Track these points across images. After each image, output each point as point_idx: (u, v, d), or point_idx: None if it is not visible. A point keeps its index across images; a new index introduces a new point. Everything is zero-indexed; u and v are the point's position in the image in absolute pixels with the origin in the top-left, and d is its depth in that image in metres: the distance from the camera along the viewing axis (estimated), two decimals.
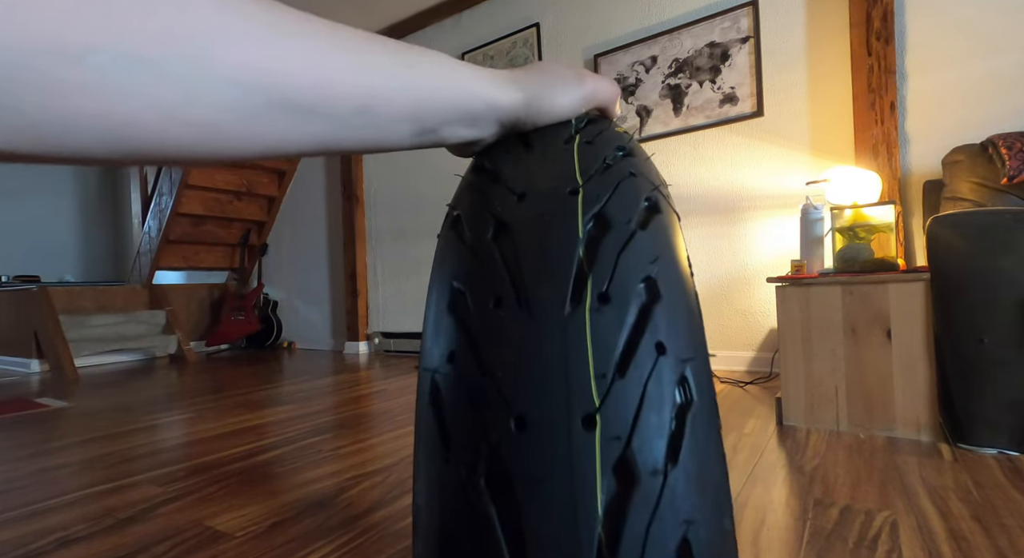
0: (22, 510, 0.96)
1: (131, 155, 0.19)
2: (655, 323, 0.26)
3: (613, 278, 0.26)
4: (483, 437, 0.25)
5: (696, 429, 0.25)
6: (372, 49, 0.25)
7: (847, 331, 1.23)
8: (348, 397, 1.90)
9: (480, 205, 0.31)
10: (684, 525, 0.24)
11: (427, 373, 0.29)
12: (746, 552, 0.71)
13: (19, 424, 1.66)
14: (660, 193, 0.31)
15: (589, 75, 0.35)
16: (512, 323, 0.26)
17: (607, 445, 0.23)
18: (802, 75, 1.99)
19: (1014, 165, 1.33)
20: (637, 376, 0.25)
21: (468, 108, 0.29)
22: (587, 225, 0.27)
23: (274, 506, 0.93)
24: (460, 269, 0.29)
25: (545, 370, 0.25)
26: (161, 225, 3.48)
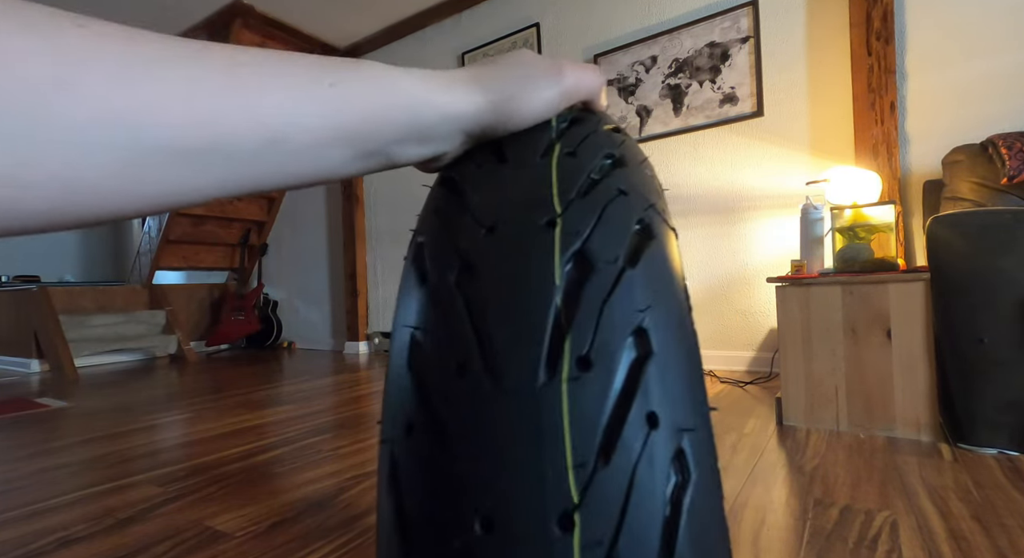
0: (22, 510, 0.96)
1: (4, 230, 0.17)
2: (646, 388, 0.22)
3: (596, 336, 0.22)
4: (445, 541, 0.22)
5: (695, 511, 0.22)
6: (278, 71, 0.21)
7: (847, 331, 1.23)
8: (348, 397, 1.90)
9: (443, 236, 0.27)
10: None
11: (387, 445, 0.25)
12: (746, 552, 0.71)
13: (19, 424, 1.66)
14: (655, 211, 0.27)
15: (568, 65, 0.30)
16: (476, 396, 0.22)
17: (588, 551, 0.20)
18: (802, 75, 1.99)
19: (1014, 165, 1.33)
20: (624, 461, 0.21)
21: (416, 122, 0.25)
22: (565, 267, 0.24)
23: (274, 506, 0.93)
24: (420, 318, 0.26)
25: (515, 459, 0.21)
26: (161, 225, 3.48)
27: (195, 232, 3.63)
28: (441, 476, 0.22)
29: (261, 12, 3.00)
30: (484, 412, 0.22)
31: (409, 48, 3.25)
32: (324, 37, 3.32)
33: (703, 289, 2.23)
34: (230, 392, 2.08)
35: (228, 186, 0.21)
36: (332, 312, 3.65)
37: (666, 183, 2.32)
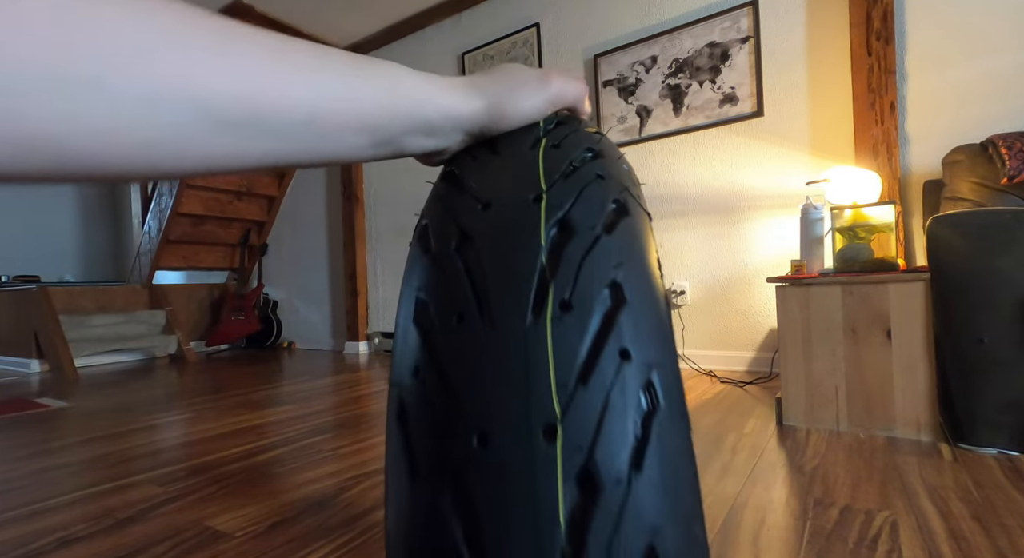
0: (22, 510, 0.96)
1: (65, 173, 0.19)
2: (619, 329, 0.25)
3: (576, 285, 0.26)
4: (447, 456, 0.25)
5: (663, 436, 0.25)
6: (319, 61, 0.25)
7: (847, 331, 1.23)
8: (348, 397, 1.90)
9: (445, 215, 0.31)
10: (650, 532, 0.24)
11: (395, 389, 0.28)
12: (746, 552, 0.71)
13: (19, 424, 1.66)
14: (629, 194, 0.31)
15: (555, 75, 0.34)
16: (474, 337, 0.26)
17: (569, 456, 0.23)
18: (802, 75, 1.99)
19: (1014, 165, 1.33)
20: (600, 384, 0.24)
21: (425, 118, 0.29)
22: (550, 232, 0.27)
23: (274, 506, 0.93)
24: (425, 281, 0.29)
25: (506, 384, 0.24)
26: (161, 225, 3.48)
27: (195, 232, 3.63)
28: (443, 405, 0.25)
29: (261, 12, 3.00)
30: (480, 349, 0.25)
31: (409, 48, 3.25)
32: (324, 37, 3.32)
33: (703, 289, 2.23)
34: (230, 392, 2.08)
35: (266, 158, 0.24)
36: (332, 312, 3.65)
37: (666, 183, 2.32)
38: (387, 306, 3.38)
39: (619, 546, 0.23)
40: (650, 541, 0.23)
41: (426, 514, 0.25)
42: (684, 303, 2.28)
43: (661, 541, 0.24)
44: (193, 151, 0.21)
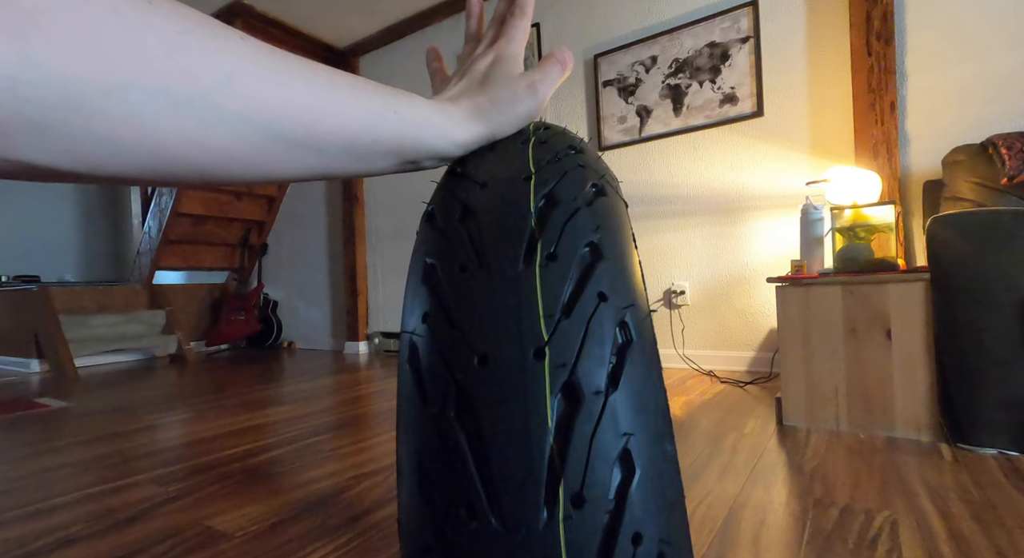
0: (22, 510, 0.96)
1: (160, 175, 0.23)
2: (597, 277, 0.30)
3: (560, 242, 0.30)
4: (452, 377, 0.29)
5: (634, 363, 0.29)
6: (362, 95, 0.29)
7: (847, 331, 1.23)
8: (348, 397, 1.90)
9: (449, 196, 0.35)
10: (625, 437, 0.28)
11: (406, 336, 0.33)
12: (746, 552, 0.71)
13: (19, 424, 1.66)
14: (606, 182, 0.35)
15: (539, 80, 0.38)
16: (474, 282, 0.30)
17: (555, 372, 0.27)
18: (802, 75, 1.99)
19: (1014, 165, 1.33)
20: (581, 316, 0.29)
21: (437, 148, 0.34)
22: (539, 203, 0.32)
23: (274, 506, 0.93)
24: (432, 248, 0.34)
25: (502, 316, 0.29)
26: (161, 225, 3.48)
27: (195, 232, 3.63)
28: (449, 338, 0.30)
29: (261, 12, 3.00)
30: (479, 289, 0.30)
31: (409, 48, 3.25)
32: (324, 37, 3.32)
33: (703, 289, 2.23)
34: (230, 392, 2.08)
35: (313, 171, 0.28)
36: (332, 312, 3.65)
37: (666, 183, 2.32)
38: (387, 306, 3.37)
39: (598, 447, 0.27)
40: (625, 445, 0.28)
41: (435, 425, 0.29)
42: (684, 303, 2.28)
43: (635, 445, 0.28)
44: (259, 164, 0.25)
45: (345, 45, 3.44)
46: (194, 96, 0.21)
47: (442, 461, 0.28)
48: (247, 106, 0.23)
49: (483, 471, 0.27)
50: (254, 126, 0.24)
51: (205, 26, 0.22)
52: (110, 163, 0.21)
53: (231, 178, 0.25)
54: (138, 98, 0.19)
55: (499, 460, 0.27)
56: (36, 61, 0.17)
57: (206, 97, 0.21)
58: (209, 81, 0.21)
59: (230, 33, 0.23)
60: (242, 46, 0.23)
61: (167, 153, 0.22)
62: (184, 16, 0.21)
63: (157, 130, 0.21)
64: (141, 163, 0.21)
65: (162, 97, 0.20)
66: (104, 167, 0.21)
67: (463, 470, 0.27)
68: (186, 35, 0.21)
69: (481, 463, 0.27)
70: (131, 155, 0.21)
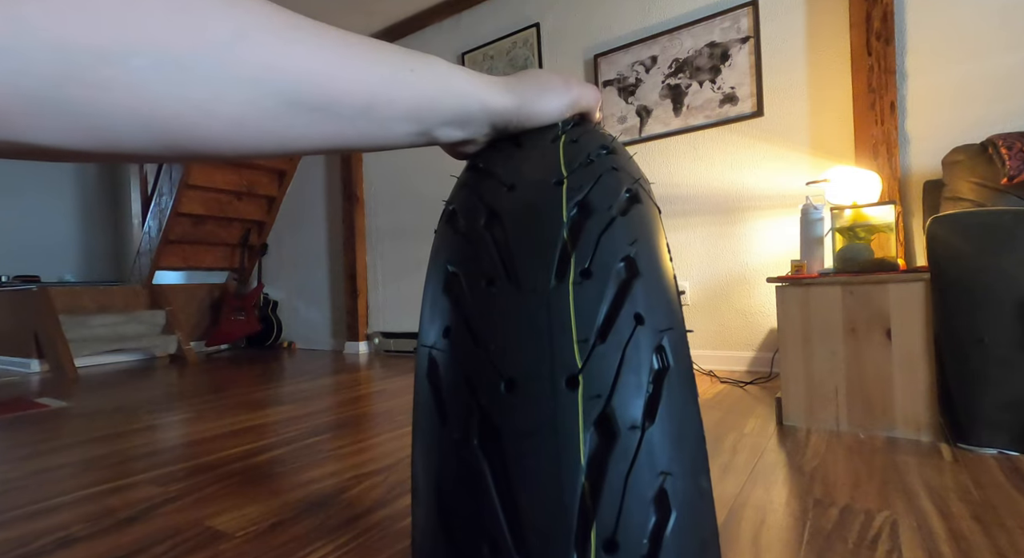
0: (22, 510, 0.96)
1: (170, 148, 0.21)
2: (634, 296, 0.28)
3: (595, 256, 0.28)
4: (475, 401, 0.27)
5: (672, 392, 0.27)
6: (377, 54, 0.27)
7: (847, 331, 1.23)
8: (348, 397, 1.90)
9: (473, 197, 0.33)
10: (661, 476, 0.26)
11: (424, 349, 0.31)
12: (746, 552, 0.71)
13: (19, 424, 1.66)
14: (641, 186, 0.33)
15: (575, 82, 0.38)
16: (502, 298, 0.28)
17: (589, 403, 0.25)
18: (802, 75, 1.99)
19: (1014, 165, 1.33)
20: (616, 341, 0.27)
21: (464, 110, 0.31)
22: (571, 211, 0.30)
23: (274, 506, 0.93)
24: (454, 254, 0.31)
25: (532, 338, 0.27)
26: (161, 225, 3.48)
27: (195, 232, 3.63)
28: (473, 357, 0.28)
29: None
30: (508, 308, 0.28)
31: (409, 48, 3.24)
32: None
33: (703, 289, 2.23)
34: (230, 392, 2.08)
35: (331, 139, 0.27)
36: (332, 312, 3.65)
37: (666, 183, 2.32)
38: (387, 306, 3.37)
39: (633, 487, 0.25)
40: (661, 484, 0.25)
41: (455, 451, 0.27)
42: (684, 303, 2.27)
43: (671, 485, 0.26)
44: (273, 131, 0.24)
45: None
46: (201, 59, 0.20)
47: (464, 491, 0.26)
48: (258, 68, 0.21)
49: (508, 507, 0.25)
50: (266, 89, 0.22)
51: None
52: (118, 138, 0.19)
53: (244, 149, 0.24)
54: (141, 64, 0.18)
55: (526, 497, 0.25)
56: (28, 28, 0.16)
57: (214, 59, 0.20)
58: (216, 41, 0.20)
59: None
60: (249, 2, 0.22)
61: (176, 124, 0.20)
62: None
63: (164, 98, 0.19)
64: (150, 136, 0.20)
65: (167, 62, 0.19)
66: (112, 143, 0.19)
67: (487, 504, 0.25)
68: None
69: (506, 498, 0.25)
70: (139, 128, 0.19)
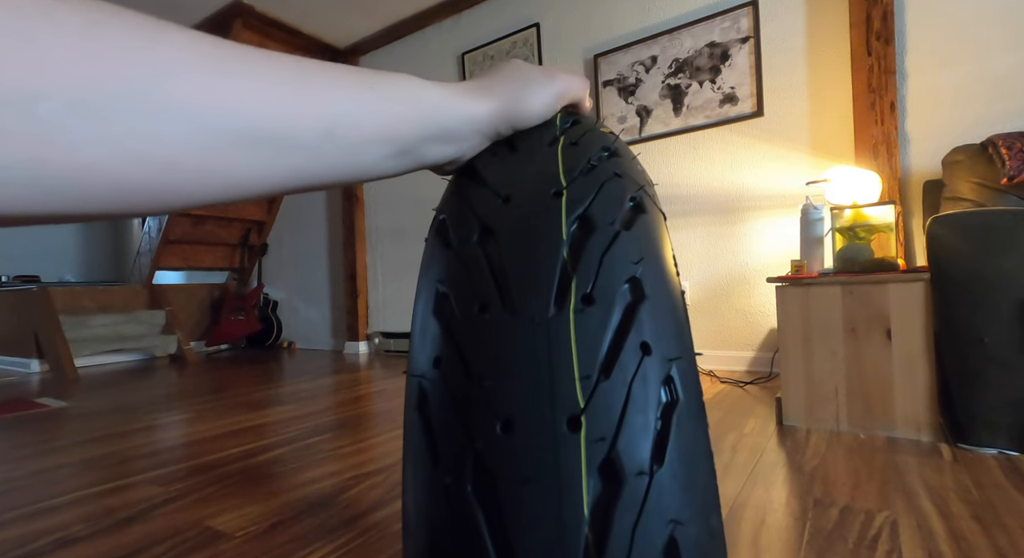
0: (22, 510, 0.96)
1: (96, 204, 0.19)
2: (640, 323, 0.26)
3: (597, 279, 0.26)
4: (469, 442, 0.25)
5: (682, 428, 0.25)
6: (332, 77, 0.25)
7: (847, 331, 1.23)
8: (348, 397, 1.90)
9: (465, 209, 0.31)
10: (671, 525, 0.24)
11: (414, 379, 0.29)
12: (746, 552, 0.71)
13: (19, 424, 1.66)
14: (645, 193, 0.31)
15: (558, 72, 0.35)
16: (497, 327, 0.26)
17: (592, 446, 0.24)
18: (802, 75, 1.99)
19: (1014, 165, 1.33)
20: (622, 377, 0.25)
21: (444, 123, 0.29)
22: (571, 227, 0.28)
23: (274, 506, 0.93)
24: (445, 273, 0.29)
25: (530, 373, 0.25)
26: (161, 225, 3.48)
27: (195, 232, 3.63)
28: (466, 393, 0.26)
29: (261, 11, 3.00)
30: (503, 338, 0.26)
31: (409, 48, 3.25)
32: (324, 37, 3.32)
33: (703, 289, 2.23)
34: (230, 392, 2.08)
35: (290, 179, 0.24)
36: (332, 312, 3.65)
37: (666, 183, 2.32)
38: (387, 306, 3.37)
39: (641, 538, 0.23)
40: (671, 533, 0.24)
41: (447, 497, 0.25)
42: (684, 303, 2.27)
43: (682, 533, 0.24)
44: (217, 171, 0.21)
45: (345, 45, 3.44)
46: (121, 100, 0.17)
47: (457, 539, 0.25)
48: (191, 103, 0.19)
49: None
50: (201, 126, 0.19)
51: (125, 15, 0.18)
52: (30, 198, 0.16)
53: (190, 197, 0.21)
54: (50, 109, 0.16)
55: (525, 550, 0.23)
56: None
57: (139, 98, 0.18)
58: (137, 80, 0.18)
59: (161, 23, 0.19)
60: (177, 37, 0.19)
61: (99, 174, 0.18)
62: (97, 5, 0.17)
63: (82, 146, 0.17)
64: (77, 192, 0.17)
65: (80, 107, 0.16)
66: (23, 203, 0.17)
67: (481, 556, 0.24)
68: (102, 27, 0.17)
69: (503, 550, 0.23)
70: (61, 184, 0.17)
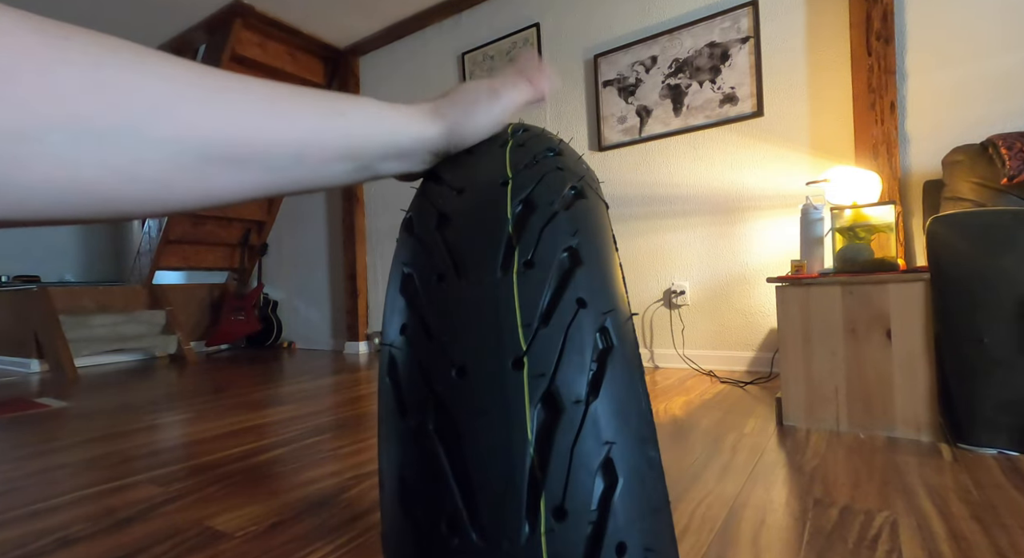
0: (22, 510, 0.96)
1: (93, 214, 0.22)
2: (576, 283, 0.29)
3: (537, 248, 0.30)
4: (429, 388, 0.29)
5: (616, 369, 0.29)
6: (304, 103, 0.28)
7: (847, 331, 1.23)
8: (348, 397, 1.90)
9: (426, 203, 0.35)
10: (606, 446, 0.27)
11: (385, 348, 0.32)
12: (746, 552, 0.71)
13: (19, 424, 1.66)
14: (586, 184, 0.35)
15: (502, 87, 0.38)
16: (452, 292, 0.30)
17: (534, 381, 0.27)
18: (802, 75, 1.99)
19: (1014, 165, 1.33)
20: (559, 324, 0.28)
21: (397, 143, 0.33)
22: (516, 208, 0.32)
23: (274, 506, 0.93)
24: (410, 257, 0.33)
25: (480, 326, 0.28)
26: (161, 225, 3.48)
27: (195, 232, 3.63)
28: (426, 349, 0.29)
29: (261, 12, 3.00)
30: (457, 300, 0.30)
31: (409, 48, 3.25)
32: (324, 37, 3.32)
33: (703, 289, 2.23)
34: (230, 392, 2.08)
35: (258, 190, 0.28)
36: (332, 312, 3.65)
37: (666, 183, 2.32)
38: None
39: (579, 456, 0.26)
40: (607, 453, 0.27)
41: (414, 438, 0.29)
42: (684, 303, 2.28)
43: (617, 454, 0.27)
44: (200, 188, 0.25)
45: (345, 45, 3.44)
46: (120, 129, 0.20)
47: (422, 474, 0.28)
48: (178, 131, 0.22)
49: (463, 484, 0.27)
50: (188, 150, 0.23)
51: (125, 53, 0.21)
52: (41, 208, 0.20)
53: (172, 206, 0.24)
54: (60, 139, 0.19)
55: (479, 473, 0.26)
56: None
57: (132, 129, 0.21)
58: (135, 112, 0.21)
59: (154, 57, 0.22)
60: (167, 69, 0.23)
61: (98, 190, 0.21)
62: (103, 46, 0.21)
63: (85, 168, 0.20)
64: (73, 204, 0.21)
65: (85, 136, 0.20)
66: (36, 213, 0.20)
67: (443, 483, 0.27)
68: (107, 68, 0.20)
69: (461, 476, 0.27)
70: (61, 198, 0.20)
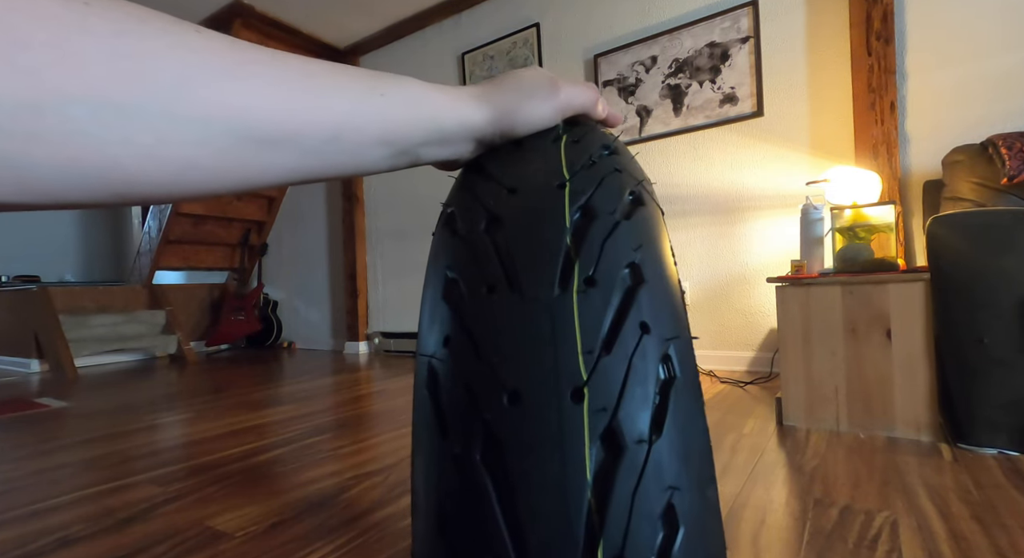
0: (22, 510, 0.96)
1: (115, 196, 0.20)
2: (639, 304, 0.27)
3: (599, 263, 0.28)
4: (477, 413, 0.26)
5: (679, 403, 0.27)
6: (342, 81, 0.26)
7: (847, 331, 1.23)
8: (348, 397, 1.90)
9: (473, 201, 0.32)
10: (669, 491, 0.25)
11: (424, 359, 0.30)
12: (746, 552, 0.71)
13: (19, 424, 1.66)
14: (644, 188, 0.33)
15: (564, 83, 0.35)
16: (504, 307, 0.27)
17: (594, 416, 0.25)
18: (802, 75, 1.99)
19: (1014, 165, 1.33)
20: (622, 352, 0.26)
21: (440, 129, 0.30)
22: (574, 216, 0.29)
23: (274, 506, 0.93)
24: (454, 260, 0.31)
25: (536, 349, 0.26)
26: (161, 225, 3.48)
27: (195, 232, 3.63)
28: (473, 367, 0.27)
29: (261, 11, 3.00)
30: (510, 317, 0.27)
31: (409, 48, 3.25)
32: (324, 37, 3.32)
33: (703, 289, 2.23)
34: (230, 392, 2.08)
35: (297, 171, 0.25)
36: (332, 312, 3.65)
37: (666, 183, 2.32)
38: (387, 306, 3.37)
39: (640, 503, 0.24)
40: (669, 499, 0.25)
41: (456, 465, 0.26)
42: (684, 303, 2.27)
43: (679, 500, 0.25)
44: (229, 170, 0.23)
45: (345, 45, 3.44)
46: (145, 104, 0.19)
47: (466, 506, 0.26)
48: (207, 108, 0.20)
49: (512, 524, 0.24)
50: (217, 129, 0.21)
51: (151, 22, 0.19)
52: (60, 189, 0.18)
53: (199, 189, 0.22)
54: (79, 113, 0.17)
55: (531, 513, 0.24)
56: None
57: (158, 104, 0.19)
58: (161, 85, 0.19)
59: (181, 27, 0.20)
60: (196, 40, 0.20)
61: (121, 170, 0.19)
62: (126, 12, 0.19)
63: (106, 146, 0.18)
64: (94, 186, 0.19)
65: (107, 109, 0.18)
66: (54, 194, 0.18)
67: (490, 520, 0.25)
68: (129, 35, 0.18)
69: (509, 514, 0.24)
70: (82, 178, 0.19)
